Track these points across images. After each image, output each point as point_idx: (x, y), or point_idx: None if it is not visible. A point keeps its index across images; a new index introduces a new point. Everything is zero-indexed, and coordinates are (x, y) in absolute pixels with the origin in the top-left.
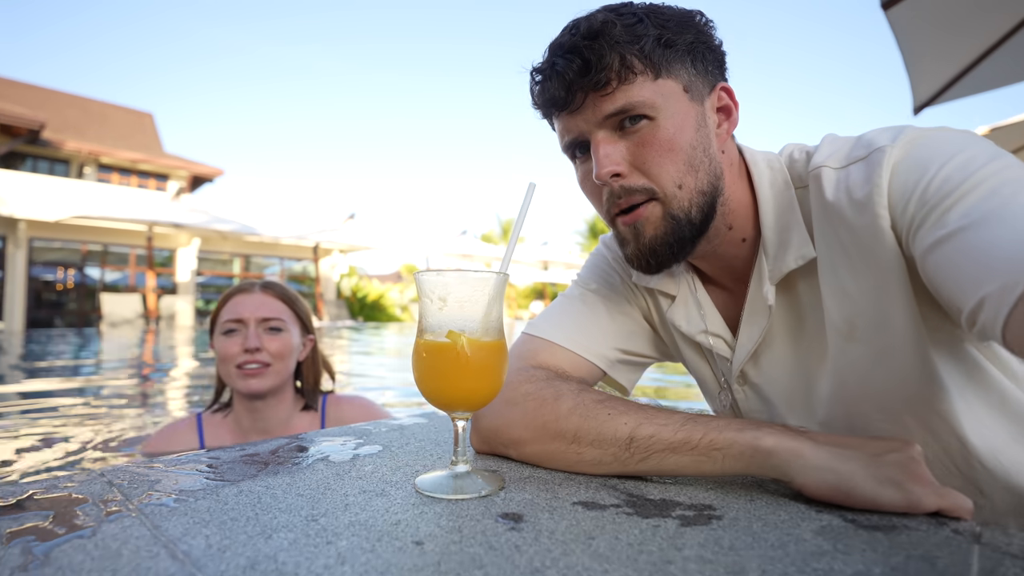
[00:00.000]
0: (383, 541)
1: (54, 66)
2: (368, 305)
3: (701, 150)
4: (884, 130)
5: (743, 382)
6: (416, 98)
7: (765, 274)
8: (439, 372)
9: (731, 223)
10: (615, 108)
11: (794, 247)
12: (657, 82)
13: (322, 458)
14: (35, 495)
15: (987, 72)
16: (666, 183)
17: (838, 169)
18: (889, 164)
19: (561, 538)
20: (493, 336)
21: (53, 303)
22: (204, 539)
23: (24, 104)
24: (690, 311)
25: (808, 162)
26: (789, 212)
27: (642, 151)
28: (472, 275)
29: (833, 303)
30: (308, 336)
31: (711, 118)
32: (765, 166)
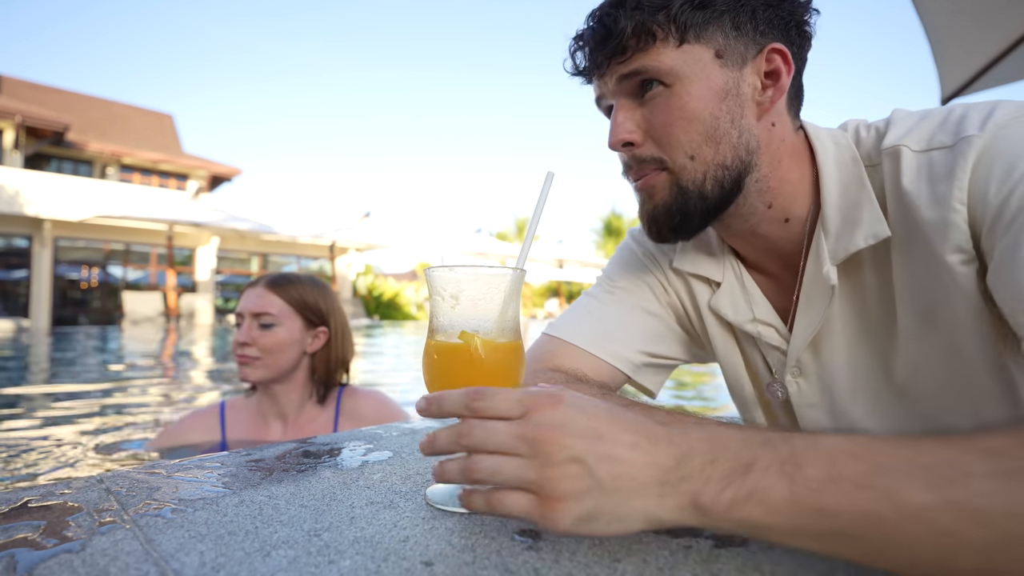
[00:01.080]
0: (389, 561)
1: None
2: (384, 304)
3: (727, 121)
4: (974, 109)
5: (798, 373)
6: (431, 94)
7: (824, 254)
8: (451, 375)
9: (771, 201)
10: (627, 71)
11: (865, 225)
12: (681, 48)
13: (329, 465)
14: (29, 503)
15: (1019, 61)
16: (676, 153)
17: (919, 152)
18: (974, 155)
19: (583, 560)
20: (509, 337)
21: (78, 301)
22: (198, 556)
23: (49, 107)
24: (736, 299)
25: (879, 140)
26: (858, 189)
27: (656, 119)
28: (486, 271)
29: (909, 288)
30: (318, 329)
31: (749, 84)
32: (830, 142)
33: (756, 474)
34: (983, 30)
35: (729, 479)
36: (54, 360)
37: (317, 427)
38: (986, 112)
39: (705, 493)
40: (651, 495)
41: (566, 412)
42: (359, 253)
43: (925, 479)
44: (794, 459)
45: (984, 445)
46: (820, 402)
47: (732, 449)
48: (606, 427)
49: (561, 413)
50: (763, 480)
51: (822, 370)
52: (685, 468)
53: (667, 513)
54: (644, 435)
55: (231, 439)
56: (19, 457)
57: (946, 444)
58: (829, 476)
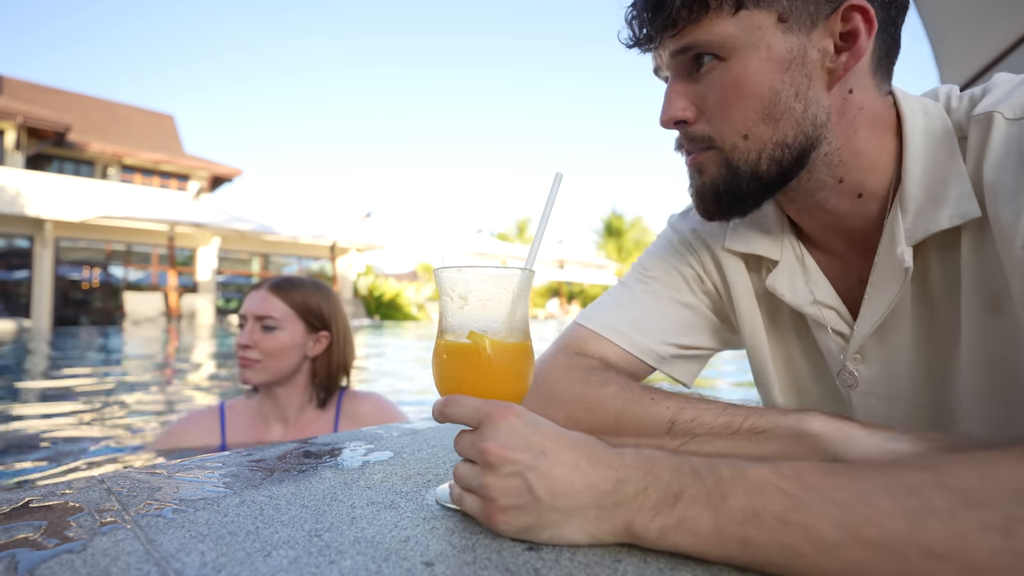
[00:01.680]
0: (390, 561)
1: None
2: (384, 304)
3: (790, 94)
4: None
5: (859, 360)
6: (432, 92)
7: (900, 234)
8: (460, 375)
9: (842, 176)
10: (679, 47)
11: (951, 203)
12: (738, 15)
13: (330, 465)
14: (31, 503)
15: (1019, 61)
16: (728, 132)
17: (1012, 120)
18: None
19: (584, 560)
20: (518, 337)
21: (79, 301)
22: (199, 556)
23: (50, 107)
24: (796, 279)
25: (971, 108)
26: (948, 163)
27: (710, 96)
28: (494, 272)
29: (977, 271)
30: (320, 333)
31: (819, 49)
32: (920, 111)
33: (684, 504)
34: (984, 30)
35: (659, 508)
36: (55, 360)
37: (317, 429)
38: None
39: (637, 521)
40: (588, 517)
41: (514, 426)
42: (360, 253)
43: (839, 517)
44: (720, 490)
45: (903, 480)
46: (881, 391)
47: (663, 478)
48: (550, 444)
49: (509, 426)
50: (690, 510)
51: (887, 357)
52: (620, 494)
53: (604, 535)
54: (585, 456)
55: (231, 441)
56: (20, 457)
57: (867, 478)
58: (752, 509)
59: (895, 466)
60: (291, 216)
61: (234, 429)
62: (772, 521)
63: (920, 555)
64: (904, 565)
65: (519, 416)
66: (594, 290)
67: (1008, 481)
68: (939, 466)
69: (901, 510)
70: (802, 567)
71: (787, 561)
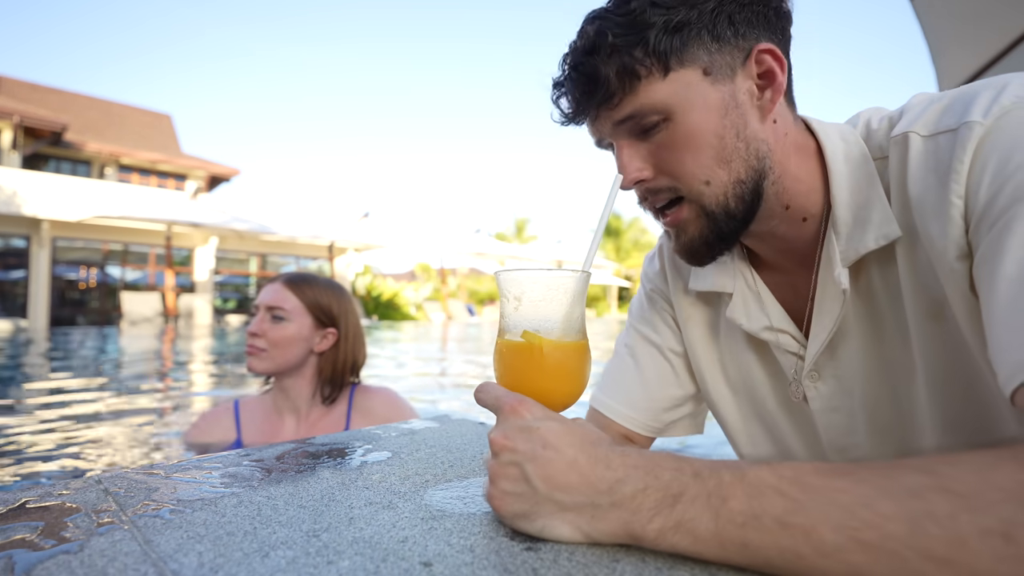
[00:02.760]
0: (388, 561)
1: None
2: (383, 304)
3: (733, 136)
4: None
5: (816, 377)
6: (429, 96)
7: (836, 257)
8: (516, 372)
9: (788, 202)
10: (622, 116)
11: (874, 225)
12: (668, 78)
13: (328, 465)
14: (27, 503)
15: (1015, 62)
16: (691, 182)
17: (927, 137)
18: (974, 145)
19: (582, 560)
20: (574, 336)
21: (76, 301)
22: (196, 556)
23: (47, 107)
24: (750, 307)
25: (890, 129)
26: (869, 187)
27: (663, 153)
28: (546, 275)
29: (915, 282)
30: (327, 329)
31: (745, 91)
32: (838, 138)
33: (683, 505)
34: (981, 31)
35: (658, 509)
36: (51, 359)
37: (329, 422)
38: (997, 90)
39: (635, 522)
40: (584, 515)
41: (520, 418)
42: (358, 253)
43: (839, 520)
44: (720, 492)
45: (904, 483)
46: (841, 405)
47: (664, 479)
48: (552, 439)
49: (516, 419)
50: (689, 512)
51: (840, 373)
52: (616, 494)
53: (600, 535)
54: (586, 453)
55: (246, 434)
56: (17, 458)
57: (868, 480)
58: (752, 511)
59: (895, 469)
60: (289, 216)
61: (248, 424)
62: (772, 524)
63: (920, 559)
64: (904, 569)
65: (529, 410)
66: (592, 289)
67: (1009, 485)
68: (939, 469)
69: (902, 514)
70: (802, 569)
71: (787, 564)
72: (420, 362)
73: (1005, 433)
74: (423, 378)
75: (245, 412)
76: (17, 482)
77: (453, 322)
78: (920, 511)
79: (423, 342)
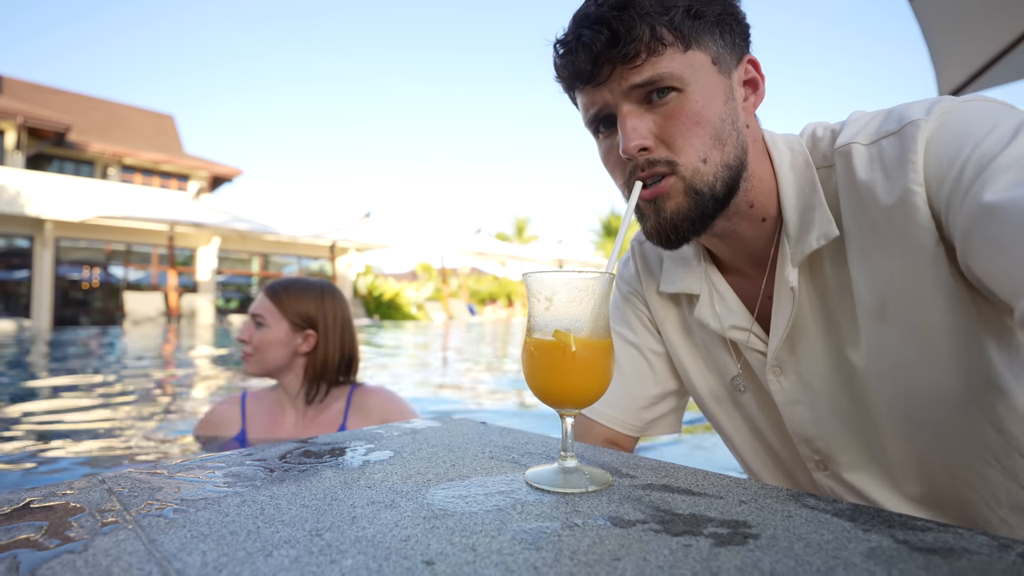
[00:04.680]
0: (391, 560)
1: (72, 66)
2: (384, 304)
3: (729, 123)
4: (916, 103)
5: (779, 372)
6: (431, 99)
7: (787, 257)
8: (547, 369)
9: (752, 201)
10: (643, 79)
11: (816, 226)
12: (687, 54)
13: (330, 465)
14: (32, 503)
15: (1015, 62)
16: (690, 157)
17: (868, 145)
18: (923, 138)
19: (584, 559)
20: (600, 335)
21: (79, 301)
22: (200, 556)
23: (50, 107)
24: (716, 307)
25: (833, 140)
26: (811, 192)
27: (669, 124)
28: (576, 277)
29: (863, 282)
30: (306, 331)
31: (738, 91)
32: (785, 147)
33: None
34: (981, 31)
35: None
36: (54, 359)
37: (327, 419)
38: (931, 103)
39: None
40: None
41: None
42: (359, 253)
43: None
44: None
45: None
46: (803, 399)
47: None
48: None
49: None
50: None
51: (800, 367)
52: None
53: None
54: None
55: (250, 426)
56: (19, 457)
57: None
58: None
59: None
60: (291, 216)
61: (253, 416)
62: None
63: None
64: None
65: None
66: None
67: None
68: None
69: None
70: None
71: None
72: (422, 361)
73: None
74: (423, 379)
75: (251, 404)
76: (22, 479)
77: (454, 321)
78: None
79: (423, 341)
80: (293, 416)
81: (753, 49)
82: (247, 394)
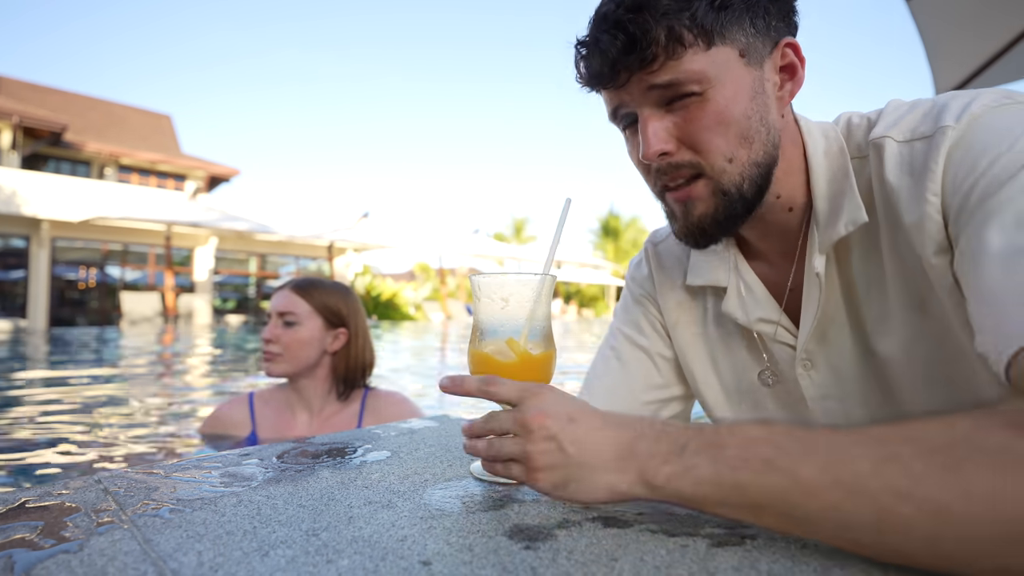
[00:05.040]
0: (387, 560)
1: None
2: (382, 304)
3: (757, 119)
4: (958, 99)
5: (809, 366)
6: (429, 100)
7: (815, 244)
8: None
9: (779, 192)
10: (662, 82)
11: (845, 212)
12: (710, 51)
13: (327, 465)
14: (27, 503)
15: (1012, 63)
16: (715, 158)
17: (902, 143)
18: (946, 147)
19: (580, 559)
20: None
21: (75, 301)
22: (196, 556)
23: (46, 107)
24: (744, 299)
25: (868, 129)
26: (843, 179)
27: (691, 126)
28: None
29: (900, 278)
30: (338, 330)
31: (772, 80)
32: (820, 135)
33: (688, 453)
34: (978, 31)
35: (667, 458)
36: (50, 359)
37: (341, 421)
38: (967, 100)
39: (649, 469)
40: (611, 470)
41: (548, 399)
42: (357, 253)
43: (818, 462)
44: (718, 441)
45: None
46: (833, 392)
47: (672, 434)
48: (578, 413)
49: (544, 400)
50: (693, 459)
51: (832, 362)
52: (635, 448)
53: (624, 485)
54: (608, 421)
55: (260, 428)
56: (16, 457)
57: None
58: (744, 456)
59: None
60: (288, 216)
61: (263, 418)
62: (761, 466)
63: (885, 494)
64: (873, 504)
65: (553, 391)
66: (591, 290)
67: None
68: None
69: (869, 454)
70: (789, 508)
71: (776, 502)
72: (421, 360)
73: None
74: (423, 379)
75: (260, 405)
76: (17, 479)
77: (452, 321)
78: (886, 454)
79: (423, 341)
80: (306, 418)
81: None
82: (254, 395)
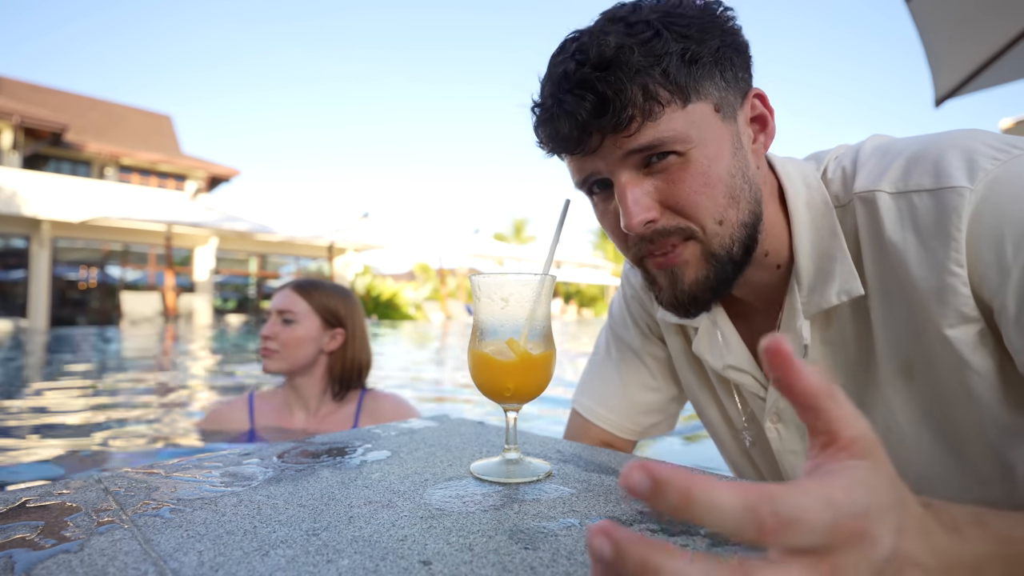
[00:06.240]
0: (387, 560)
1: (73, 67)
2: (382, 304)
3: (740, 176)
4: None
5: (777, 419)
6: (430, 101)
7: (798, 307)
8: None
9: (767, 249)
10: (640, 146)
11: (837, 280)
12: (687, 109)
13: (327, 464)
14: (27, 503)
15: (1011, 63)
16: (706, 220)
17: (896, 195)
18: (967, 213)
19: (581, 559)
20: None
21: (76, 301)
22: (196, 555)
23: (47, 107)
24: (714, 343)
25: (847, 177)
26: (831, 239)
27: (674, 188)
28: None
29: (891, 340)
30: (336, 330)
31: (746, 134)
32: (801, 183)
33: None
34: (977, 31)
35: None
36: (50, 359)
37: (337, 420)
38: (967, 154)
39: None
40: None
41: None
42: (357, 253)
43: None
44: None
45: None
46: (801, 448)
47: None
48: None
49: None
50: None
51: None
52: None
53: None
54: None
55: (259, 426)
56: (15, 457)
57: None
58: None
59: None
60: (289, 216)
61: (262, 416)
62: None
63: None
64: None
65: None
66: (590, 290)
67: None
68: None
69: None
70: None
71: None
72: (420, 360)
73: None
74: (422, 379)
75: (259, 403)
76: (17, 478)
77: (452, 321)
78: None
79: (420, 341)
80: (303, 417)
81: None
82: (255, 394)
